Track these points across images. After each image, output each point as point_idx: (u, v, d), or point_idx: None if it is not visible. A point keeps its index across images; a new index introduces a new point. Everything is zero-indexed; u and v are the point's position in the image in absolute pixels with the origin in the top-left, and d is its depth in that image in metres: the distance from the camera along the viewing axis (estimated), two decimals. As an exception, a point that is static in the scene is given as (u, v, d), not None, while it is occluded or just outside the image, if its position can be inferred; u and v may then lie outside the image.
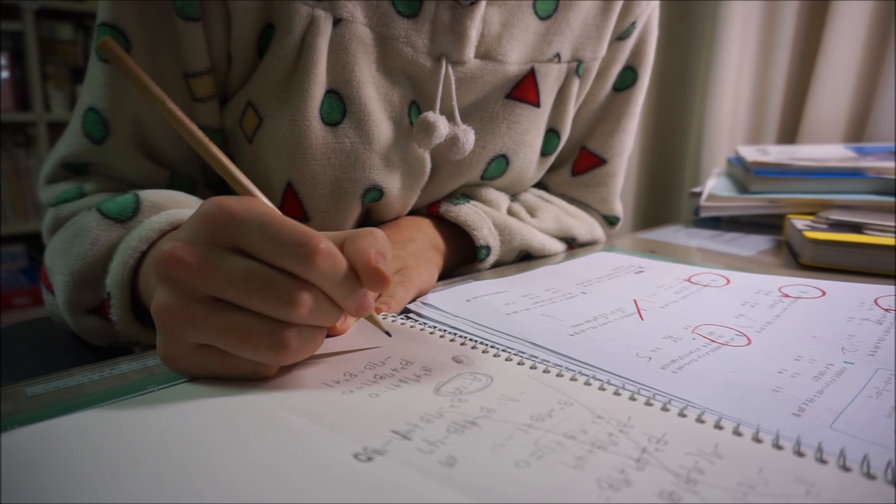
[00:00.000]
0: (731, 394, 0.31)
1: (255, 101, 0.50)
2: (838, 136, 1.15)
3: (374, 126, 0.51)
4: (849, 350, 0.37)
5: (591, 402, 0.28)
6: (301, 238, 0.28)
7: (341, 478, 0.23)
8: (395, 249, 0.50)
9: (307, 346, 0.30)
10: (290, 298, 0.28)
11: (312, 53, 0.48)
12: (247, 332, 0.28)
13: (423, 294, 0.47)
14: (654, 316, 0.43)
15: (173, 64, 0.49)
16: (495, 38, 0.54)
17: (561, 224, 0.65)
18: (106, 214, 0.45)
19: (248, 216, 0.28)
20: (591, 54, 0.61)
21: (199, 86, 0.50)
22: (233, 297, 0.28)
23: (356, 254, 0.29)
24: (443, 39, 0.52)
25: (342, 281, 0.29)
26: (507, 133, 0.58)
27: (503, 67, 0.55)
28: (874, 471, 0.23)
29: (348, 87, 0.50)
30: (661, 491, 0.22)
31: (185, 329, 0.29)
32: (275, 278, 0.28)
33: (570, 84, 0.61)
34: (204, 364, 0.30)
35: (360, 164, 0.51)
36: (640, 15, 0.63)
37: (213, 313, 0.28)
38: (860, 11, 1.10)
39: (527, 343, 0.38)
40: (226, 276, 0.28)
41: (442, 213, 0.57)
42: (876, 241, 0.60)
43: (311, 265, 0.28)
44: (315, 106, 0.49)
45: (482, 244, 0.56)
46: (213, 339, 0.29)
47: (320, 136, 0.50)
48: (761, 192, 0.82)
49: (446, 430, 0.26)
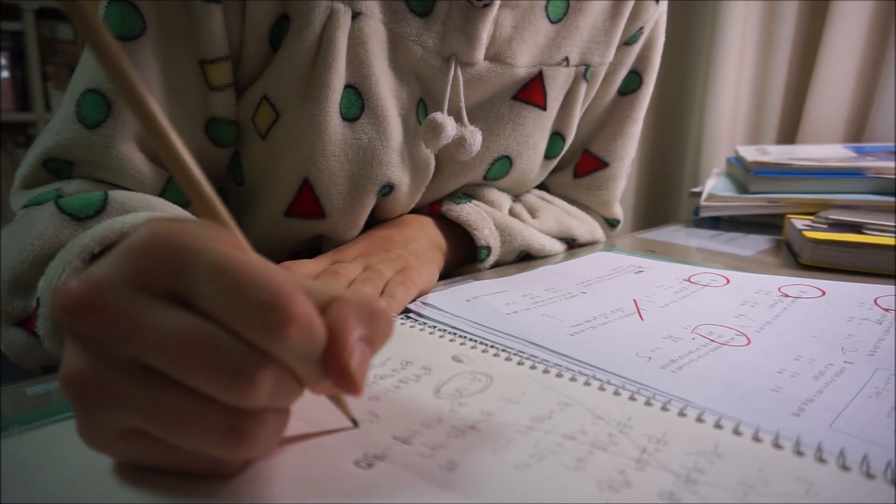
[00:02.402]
0: (730, 394, 0.31)
1: (271, 95, 0.49)
2: (838, 136, 1.15)
3: (389, 122, 0.51)
4: (848, 350, 0.37)
5: (591, 402, 0.28)
6: (271, 298, 0.20)
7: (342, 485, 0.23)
8: (397, 249, 0.50)
9: (273, 434, 0.22)
10: (245, 377, 0.20)
11: (332, 47, 0.47)
12: (186, 417, 0.20)
13: (425, 294, 0.47)
14: (654, 316, 0.43)
15: (189, 50, 0.46)
16: (506, 40, 0.54)
17: (562, 225, 0.65)
18: (62, 209, 0.39)
19: (201, 255, 0.20)
20: (599, 59, 0.61)
21: (216, 72, 0.47)
22: (166, 366, 0.20)
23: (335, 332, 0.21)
24: (453, 40, 0.51)
25: (316, 360, 0.21)
26: (511, 135, 0.58)
27: (511, 70, 0.55)
28: (874, 470, 0.23)
29: (366, 82, 0.49)
30: (661, 491, 0.22)
31: (103, 409, 0.21)
32: (226, 346, 0.20)
33: (578, 88, 0.61)
34: (139, 455, 0.22)
35: (378, 160, 0.51)
36: (647, 20, 0.63)
37: (140, 388, 0.20)
38: (860, 11, 1.10)
39: (527, 343, 0.38)
40: (158, 337, 0.20)
41: (444, 212, 0.57)
42: (876, 241, 0.60)
43: (279, 338, 0.20)
44: (336, 101, 0.48)
45: (483, 244, 0.56)
46: (142, 423, 0.21)
47: (339, 132, 0.49)
48: (761, 191, 0.82)
49: (446, 435, 0.26)
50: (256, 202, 0.54)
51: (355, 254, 0.50)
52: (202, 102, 0.48)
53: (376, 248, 0.50)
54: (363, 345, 0.22)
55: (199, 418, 0.20)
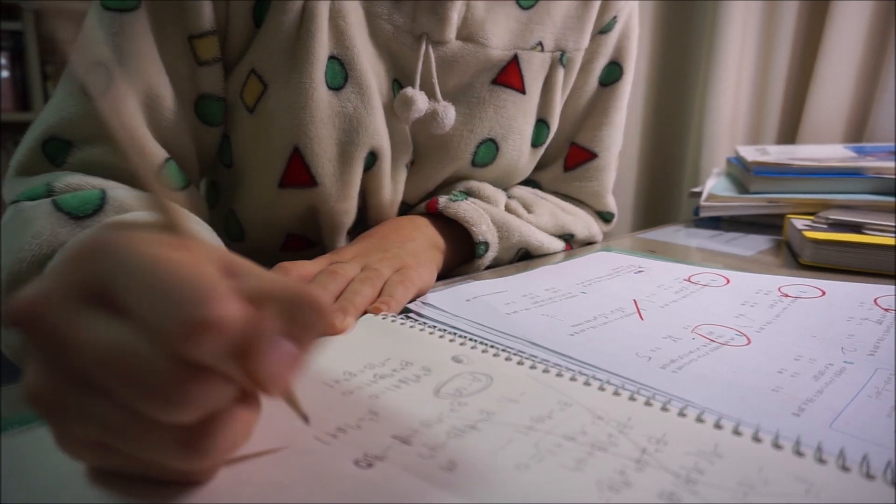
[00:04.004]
0: (730, 394, 0.31)
1: (258, 68, 0.50)
2: (838, 136, 1.15)
3: (372, 92, 0.53)
4: (848, 350, 0.37)
5: (591, 402, 0.28)
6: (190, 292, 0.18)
7: (342, 485, 0.23)
8: (394, 249, 0.50)
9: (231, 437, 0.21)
10: (173, 396, 0.19)
11: (315, 18, 0.49)
12: (138, 433, 0.20)
13: (423, 293, 0.47)
14: (654, 316, 0.43)
15: (178, 24, 0.47)
16: (478, 22, 0.56)
17: (557, 220, 0.66)
18: (60, 207, 0.39)
19: (129, 259, 0.19)
20: (574, 44, 0.63)
21: (204, 46, 0.49)
22: (101, 381, 0.19)
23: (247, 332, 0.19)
24: (424, 19, 0.54)
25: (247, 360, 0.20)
26: (493, 117, 0.60)
27: (485, 51, 0.57)
28: (874, 471, 0.23)
29: (349, 53, 0.51)
30: (661, 491, 0.22)
31: (63, 421, 0.21)
32: (149, 362, 0.19)
33: (555, 73, 0.63)
34: (111, 464, 0.22)
35: (363, 127, 0.53)
36: (621, 10, 0.65)
37: (92, 402, 0.20)
38: (860, 11, 1.09)
39: (527, 343, 0.38)
40: (91, 351, 0.19)
41: (440, 208, 0.57)
42: (876, 241, 0.60)
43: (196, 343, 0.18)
44: (321, 70, 0.50)
45: (480, 240, 0.56)
46: (101, 436, 0.20)
47: (325, 100, 0.51)
48: (761, 191, 0.82)
49: (446, 435, 0.26)
50: (248, 180, 0.56)
51: (353, 254, 0.50)
52: (191, 77, 0.50)
53: (374, 249, 0.50)
54: (287, 342, 0.20)
55: (150, 434, 0.20)
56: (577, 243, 0.69)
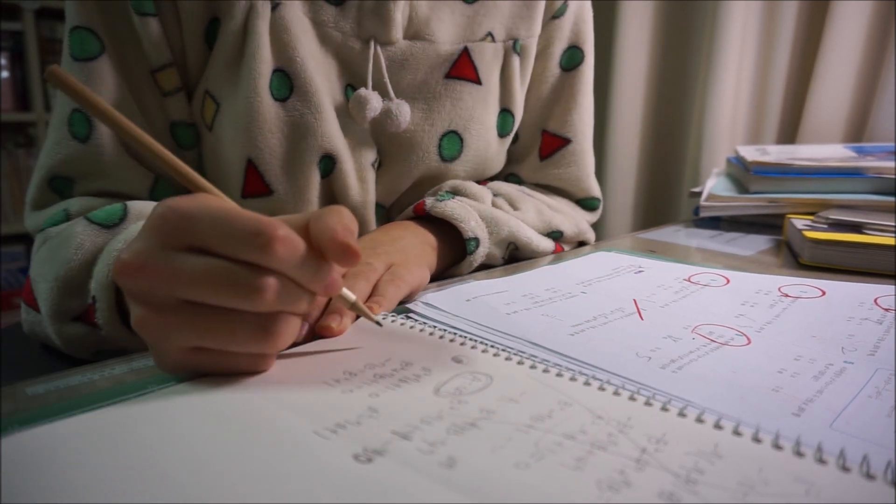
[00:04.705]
0: (730, 394, 0.31)
1: (211, 88, 0.54)
2: (838, 136, 1.15)
3: (321, 99, 0.55)
4: (849, 350, 0.37)
5: (591, 402, 0.28)
6: (256, 227, 0.28)
7: (341, 479, 0.23)
8: (384, 247, 0.50)
9: (292, 330, 0.31)
10: (254, 287, 0.28)
11: (255, 35, 0.52)
12: (227, 328, 0.29)
13: (416, 292, 0.47)
14: (654, 316, 0.43)
15: (140, 61, 0.52)
16: (424, 20, 0.58)
17: (543, 216, 0.66)
18: (92, 220, 0.47)
19: (200, 213, 0.28)
20: (526, 32, 0.64)
21: (165, 79, 0.53)
22: (199, 296, 0.28)
23: (321, 231, 0.29)
24: (369, 23, 0.56)
25: (303, 263, 0.29)
26: (452, 110, 0.61)
27: (434, 46, 0.59)
28: (874, 471, 0.23)
29: (292, 64, 0.53)
30: (661, 491, 0.22)
31: (167, 338, 0.29)
32: (235, 271, 0.28)
33: (511, 62, 0.64)
34: (199, 365, 0.30)
35: (312, 132, 0.55)
36: None
37: (189, 317, 0.29)
38: (860, 11, 1.09)
39: (527, 343, 0.38)
40: (187, 278, 0.28)
41: (428, 209, 0.57)
42: (876, 241, 0.60)
43: (270, 253, 0.28)
44: (264, 84, 0.53)
45: (470, 236, 0.56)
46: (197, 341, 0.29)
47: (272, 111, 0.53)
48: (761, 191, 0.82)
49: (446, 432, 0.26)
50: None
51: None
52: (161, 108, 0.54)
53: (364, 248, 0.50)
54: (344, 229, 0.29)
55: (236, 326, 0.29)
56: (566, 242, 0.69)
